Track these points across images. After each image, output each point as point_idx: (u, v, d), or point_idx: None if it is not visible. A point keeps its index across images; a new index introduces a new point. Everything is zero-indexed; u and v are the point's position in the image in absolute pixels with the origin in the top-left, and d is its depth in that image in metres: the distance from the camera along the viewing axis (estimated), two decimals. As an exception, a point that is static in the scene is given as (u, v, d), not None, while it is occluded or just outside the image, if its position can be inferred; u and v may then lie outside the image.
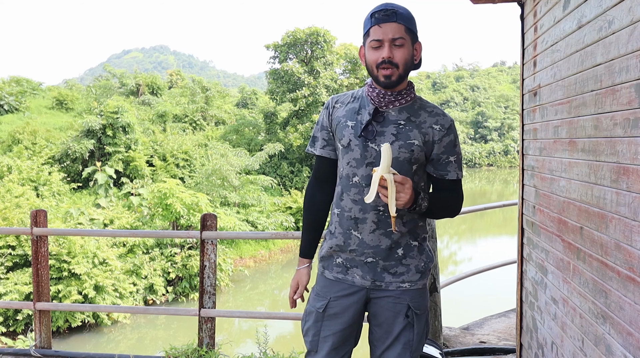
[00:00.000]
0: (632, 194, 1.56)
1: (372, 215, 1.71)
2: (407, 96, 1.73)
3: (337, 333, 1.76)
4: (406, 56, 1.66)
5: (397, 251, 1.73)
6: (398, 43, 1.64)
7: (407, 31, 1.65)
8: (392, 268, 1.74)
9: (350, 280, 1.77)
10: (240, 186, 19.59)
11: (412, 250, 1.76)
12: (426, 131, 1.71)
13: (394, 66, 1.64)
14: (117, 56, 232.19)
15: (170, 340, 8.49)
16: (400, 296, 1.74)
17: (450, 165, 1.74)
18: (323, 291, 1.80)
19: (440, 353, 2.44)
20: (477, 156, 50.80)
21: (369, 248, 1.73)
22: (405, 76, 1.68)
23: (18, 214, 12.65)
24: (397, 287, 1.74)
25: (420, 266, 1.77)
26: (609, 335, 1.72)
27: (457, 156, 1.75)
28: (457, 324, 4.12)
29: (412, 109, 1.73)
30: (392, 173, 1.55)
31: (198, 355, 3.45)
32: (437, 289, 3.58)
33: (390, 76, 1.65)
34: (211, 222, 3.51)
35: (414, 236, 1.76)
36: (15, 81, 28.35)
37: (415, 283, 1.75)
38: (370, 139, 1.70)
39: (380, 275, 1.74)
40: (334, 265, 1.80)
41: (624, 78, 1.61)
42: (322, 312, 1.78)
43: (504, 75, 67.51)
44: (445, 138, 1.72)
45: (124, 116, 19.37)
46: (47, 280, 3.77)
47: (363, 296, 1.76)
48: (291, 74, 26.03)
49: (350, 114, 1.76)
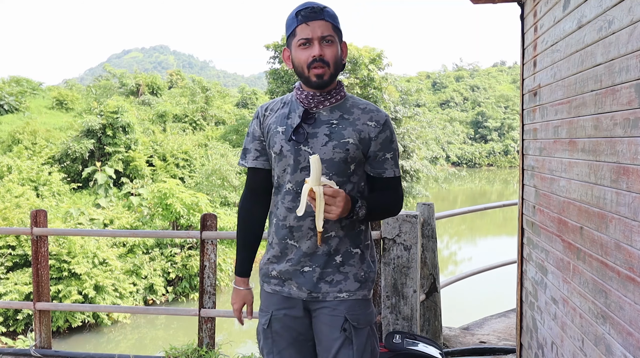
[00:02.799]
0: (632, 194, 1.56)
1: (309, 222, 1.61)
2: (337, 95, 1.66)
3: (289, 348, 1.67)
4: (336, 53, 1.60)
5: (335, 258, 1.64)
6: (328, 40, 1.58)
7: (334, 29, 1.61)
8: (328, 275, 1.63)
9: (287, 291, 1.67)
10: (240, 186, 19.59)
11: (353, 257, 1.65)
12: (361, 128, 1.63)
13: (326, 64, 1.58)
14: (117, 56, 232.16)
15: (170, 340, 8.49)
16: (336, 308, 1.62)
17: (387, 162, 1.66)
18: (265, 305, 1.73)
19: (440, 353, 2.44)
20: (477, 156, 50.82)
21: (305, 256, 1.64)
22: (335, 74, 1.62)
23: (18, 214, 12.65)
24: (335, 297, 1.63)
25: (360, 275, 1.66)
26: (609, 335, 1.72)
27: (393, 153, 1.67)
28: (457, 324, 4.12)
29: (344, 108, 1.66)
30: (322, 184, 1.47)
31: (198, 355, 3.45)
32: (437, 289, 3.58)
33: (322, 75, 1.58)
34: (211, 222, 3.52)
35: (354, 243, 1.66)
36: (15, 81, 28.34)
37: (354, 293, 1.63)
38: (302, 142, 1.62)
39: (316, 285, 1.63)
40: (271, 277, 1.72)
41: (624, 78, 1.61)
42: (268, 328, 1.70)
43: (504, 75, 67.52)
44: (381, 134, 1.64)
45: (124, 116, 19.37)
46: (47, 280, 3.77)
47: (303, 308, 1.66)
48: (291, 74, 26.04)
49: (281, 120, 1.68)
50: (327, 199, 1.48)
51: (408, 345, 2.92)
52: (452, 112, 53.38)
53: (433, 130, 30.05)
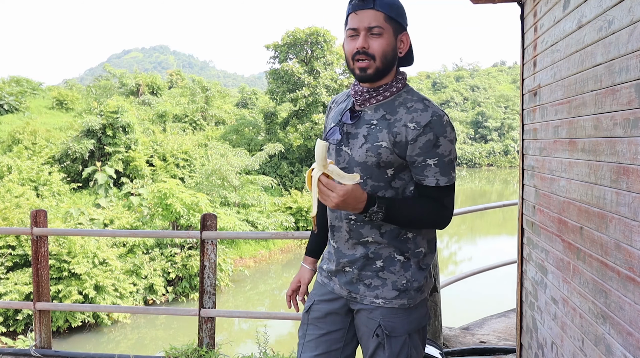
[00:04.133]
0: (632, 194, 1.56)
1: (345, 224, 1.59)
2: (385, 92, 1.54)
3: (319, 339, 1.65)
4: (385, 46, 1.48)
5: (375, 262, 1.57)
6: (375, 32, 1.47)
7: (388, 19, 1.48)
8: (367, 278, 1.58)
9: (331, 286, 1.67)
10: (240, 186, 19.60)
11: (395, 264, 1.57)
12: (399, 130, 1.49)
13: (370, 57, 1.48)
14: (117, 56, 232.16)
15: (170, 340, 8.49)
16: (372, 312, 1.57)
17: (427, 169, 1.50)
18: (312, 292, 1.74)
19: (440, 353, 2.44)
20: (477, 156, 50.82)
21: (344, 257, 1.61)
22: (384, 69, 1.51)
23: (18, 214, 12.66)
24: (371, 302, 1.58)
25: (401, 283, 1.56)
26: (609, 335, 1.72)
27: (438, 159, 1.49)
28: (457, 324, 4.12)
29: (391, 106, 1.54)
30: (326, 171, 1.42)
31: (198, 355, 3.45)
32: (437, 289, 3.58)
33: (365, 69, 1.49)
34: (211, 222, 3.52)
35: (399, 250, 1.57)
36: (15, 81, 28.35)
37: (390, 301, 1.56)
38: (344, 142, 1.56)
39: (355, 286, 1.60)
40: (323, 269, 1.73)
41: (624, 78, 1.61)
42: (307, 313, 1.70)
43: (504, 75, 67.52)
44: (421, 137, 1.47)
45: (124, 116, 19.38)
46: (47, 280, 3.77)
47: (344, 306, 1.65)
48: (291, 74, 26.05)
49: (336, 116, 1.64)
50: (321, 188, 1.42)
51: (408, 345, 2.91)
52: (452, 112, 53.38)
53: (433, 130, 30.00)
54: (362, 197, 1.44)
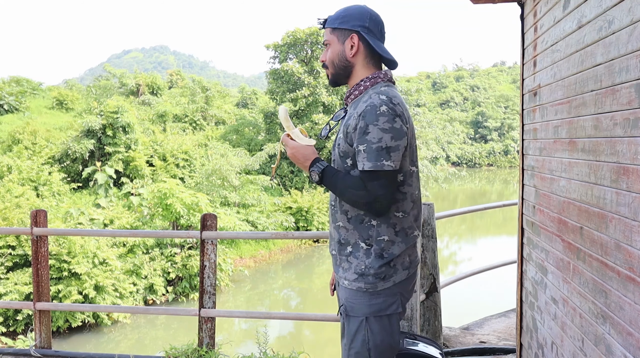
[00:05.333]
0: (632, 194, 1.56)
1: (330, 209, 1.83)
2: (355, 90, 1.77)
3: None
4: (331, 55, 1.77)
5: (347, 248, 1.74)
6: (326, 44, 1.80)
7: (332, 31, 1.76)
8: (342, 262, 1.76)
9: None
10: (240, 186, 19.59)
11: (359, 251, 1.70)
12: (349, 122, 1.68)
13: (325, 67, 1.81)
14: (117, 56, 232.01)
15: (170, 340, 8.49)
16: (341, 291, 1.78)
17: (359, 154, 1.61)
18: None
19: (440, 353, 2.44)
20: (477, 156, 50.81)
21: (332, 241, 1.82)
22: (337, 73, 1.78)
23: (18, 214, 12.66)
24: (342, 283, 1.76)
25: (359, 268, 1.68)
26: (609, 335, 1.72)
27: (366, 145, 1.59)
28: (457, 324, 4.12)
29: (358, 102, 1.72)
30: (288, 133, 1.77)
31: (198, 355, 3.45)
32: (437, 289, 3.58)
33: (328, 76, 1.81)
34: (211, 222, 3.51)
35: (362, 237, 1.69)
36: (15, 81, 28.35)
37: (351, 283, 1.70)
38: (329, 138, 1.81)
39: (337, 267, 1.79)
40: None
41: (624, 78, 1.61)
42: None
43: (504, 75, 67.46)
44: (358, 125, 1.62)
45: (124, 116, 19.37)
46: (47, 280, 3.77)
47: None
48: (291, 74, 26.03)
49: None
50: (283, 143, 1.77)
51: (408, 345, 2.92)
52: (452, 112, 53.32)
53: (433, 130, 30.05)
54: (309, 156, 1.72)
